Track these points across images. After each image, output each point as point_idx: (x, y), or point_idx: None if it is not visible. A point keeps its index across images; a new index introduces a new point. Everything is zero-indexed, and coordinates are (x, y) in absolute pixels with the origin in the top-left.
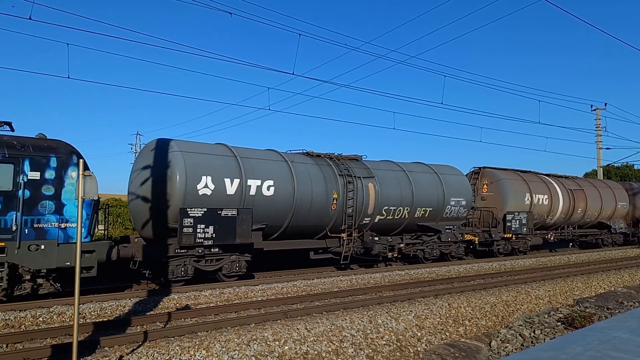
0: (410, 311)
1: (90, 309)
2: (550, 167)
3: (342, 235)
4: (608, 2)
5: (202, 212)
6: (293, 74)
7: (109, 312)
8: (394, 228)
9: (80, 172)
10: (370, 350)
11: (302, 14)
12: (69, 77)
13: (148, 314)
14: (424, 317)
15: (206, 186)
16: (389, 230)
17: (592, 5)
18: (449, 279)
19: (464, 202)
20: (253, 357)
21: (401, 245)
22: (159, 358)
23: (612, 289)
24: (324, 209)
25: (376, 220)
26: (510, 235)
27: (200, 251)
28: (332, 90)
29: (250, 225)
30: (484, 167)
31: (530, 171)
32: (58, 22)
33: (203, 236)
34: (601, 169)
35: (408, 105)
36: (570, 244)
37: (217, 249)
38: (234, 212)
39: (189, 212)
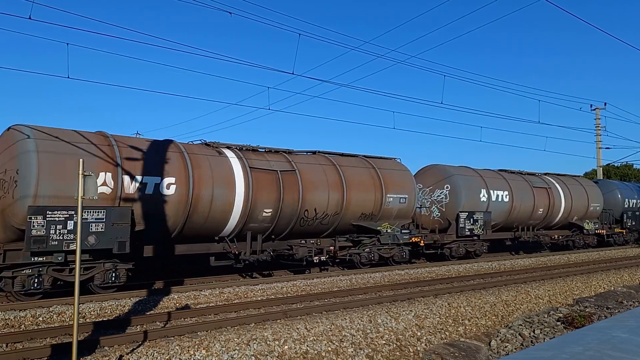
0: (410, 311)
1: (90, 308)
2: (550, 166)
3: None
4: (608, 2)
5: (467, 214)
6: (293, 73)
7: (109, 312)
8: (555, 225)
9: (80, 172)
10: (370, 350)
11: (302, 14)
12: (68, 77)
13: (148, 313)
14: (423, 316)
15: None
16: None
17: (592, 5)
18: (449, 279)
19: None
20: (253, 357)
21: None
22: (158, 358)
23: (612, 288)
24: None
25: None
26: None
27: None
28: (332, 90)
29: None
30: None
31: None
32: (58, 22)
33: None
34: (601, 168)
35: (408, 105)
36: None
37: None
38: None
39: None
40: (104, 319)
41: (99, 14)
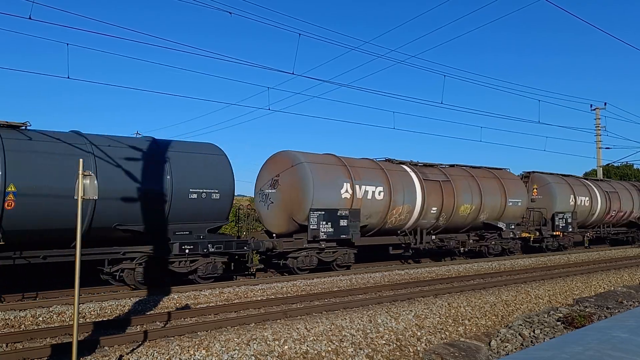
0: (410, 311)
1: (90, 308)
2: (550, 166)
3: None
4: (608, 2)
5: (569, 213)
6: (293, 73)
7: (109, 312)
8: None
9: (80, 172)
10: (370, 350)
11: (302, 14)
12: (68, 77)
13: (148, 313)
14: (423, 316)
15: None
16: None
17: (592, 5)
18: (449, 279)
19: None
20: (253, 357)
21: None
22: (158, 357)
23: (612, 288)
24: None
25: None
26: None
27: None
28: (332, 90)
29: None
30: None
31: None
32: (58, 22)
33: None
34: (601, 168)
35: (408, 105)
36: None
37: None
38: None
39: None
40: (104, 319)
41: (99, 14)
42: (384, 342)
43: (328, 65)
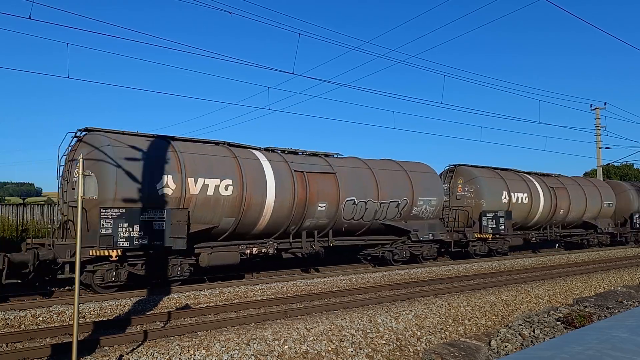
0: (410, 310)
1: (90, 308)
2: (550, 166)
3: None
4: (608, 2)
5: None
6: (293, 73)
7: (109, 312)
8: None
9: (80, 172)
10: (370, 350)
11: (302, 14)
12: (68, 77)
13: (148, 313)
14: (423, 316)
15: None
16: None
17: (592, 5)
18: (449, 279)
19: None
20: (253, 357)
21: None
22: (158, 357)
23: (612, 288)
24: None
25: None
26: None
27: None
28: (332, 89)
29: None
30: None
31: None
32: (58, 22)
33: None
34: (601, 168)
35: (408, 105)
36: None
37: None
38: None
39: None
40: (104, 319)
41: (99, 14)
42: (384, 342)
43: (328, 65)
